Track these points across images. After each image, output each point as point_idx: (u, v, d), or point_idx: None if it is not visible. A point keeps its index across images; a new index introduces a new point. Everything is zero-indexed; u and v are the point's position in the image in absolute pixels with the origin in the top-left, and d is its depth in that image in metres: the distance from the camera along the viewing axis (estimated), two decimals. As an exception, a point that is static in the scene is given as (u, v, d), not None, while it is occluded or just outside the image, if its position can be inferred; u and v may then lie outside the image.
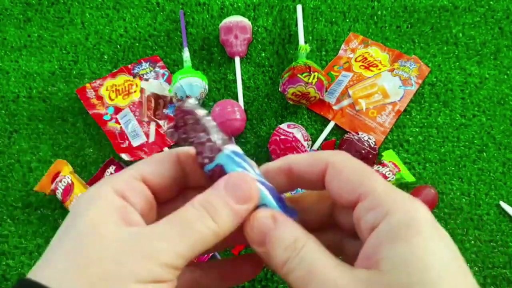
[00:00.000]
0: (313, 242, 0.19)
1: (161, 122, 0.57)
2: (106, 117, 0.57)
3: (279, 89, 0.55)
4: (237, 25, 0.60)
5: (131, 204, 0.20)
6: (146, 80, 0.60)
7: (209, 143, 0.21)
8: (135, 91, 0.59)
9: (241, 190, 0.19)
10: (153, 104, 0.58)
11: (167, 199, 0.22)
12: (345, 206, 0.20)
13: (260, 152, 0.55)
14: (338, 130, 0.57)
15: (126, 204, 0.19)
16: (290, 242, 0.19)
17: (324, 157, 0.20)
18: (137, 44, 0.63)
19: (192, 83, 0.54)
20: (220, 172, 0.20)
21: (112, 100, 0.58)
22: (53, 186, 0.51)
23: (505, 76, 0.59)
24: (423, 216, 0.17)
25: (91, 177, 0.52)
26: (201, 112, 0.21)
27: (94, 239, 0.17)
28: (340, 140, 0.55)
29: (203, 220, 0.18)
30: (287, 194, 0.26)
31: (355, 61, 0.60)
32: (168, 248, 0.17)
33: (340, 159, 0.20)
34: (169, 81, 0.60)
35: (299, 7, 0.62)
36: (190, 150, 0.22)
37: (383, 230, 0.17)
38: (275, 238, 0.19)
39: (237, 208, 0.19)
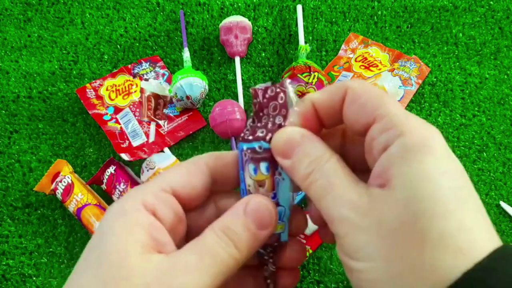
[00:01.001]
0: (337, 159, 0.19)
1: (161, 122, 0.57)
2: (106, 117, 0.57)
3: (279, 89, 0.55)
4: (237, 25, 0.60)
5: (160, 219, 0.19)
6: (146, 80, 0.60)
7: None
8: (135, 91, 0.59)
9: (262, 216, 0.19)
10: (153, 104, 0.58)
11: (195, 208, 0.22)
12: (358, 133, 0.19)
13: (260, 152, 0.55)
14: (338, 130, 0.57)
15: (154, 221, 0.19)
16: (315, 157, 0.19)
17: (343, 85, 0.20)
18: (137, 44, 0.63)
19: (192, 83, 0.54)
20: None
21: (112, 100, 0.58)
22: (53, 186, 0.51)
23: (505, 76, 0.59)
24: (437, 140, 0.17)
25: (91, 177, 0.52)
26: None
27: (118, 272, 0.17)
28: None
29: (226, 248, 0.18)
30: None
31: (355, 61, 0.60)
32: (192, 282, 0.17)
33: (359, 84, 0.20)
34: (169, 81, 0.60)
35: (299, 7, 0.62)
36: (221, 155, 0.22)
37: (396, 149, 0.17)
38: (302, 151, 0.19)
39: (258, 234, 0.19)
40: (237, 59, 0.60)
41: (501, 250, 0.15)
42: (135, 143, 0.55)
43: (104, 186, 0.51)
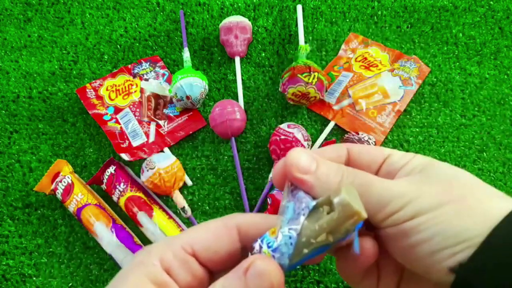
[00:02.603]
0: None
1: (161, 122, 0.57)
2: (106, 117, 0.57)
3: (279, 89, 0.55)
4: (237, 25, 0.60)
5: (176, 279, 0.19)
6: (146, 80, 0.60)
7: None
8: (135, 91, 0.59)
9: (263, 283, 0.18)
10: (153, 104, 0.58)
11: (226, 269, 0.21)
12: (373, 171, 0.23)
13: (260, 152, 0.55)
14: (338, 130, 0.57)
15: (168, 281, 0.19)
16: (339, 166, 0.21)
17: (342, 146, 0.24)
18: (137, 44, 0.63)
19: (192, 83, 0.54)
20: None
21: (112, 100, 0.58)
22: (53, 186, 0.51)
23: (505, 76, 0.58)
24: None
25: (91, 177, 0.52)
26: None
27: None
28: (340, 140, 0.55)
29: None
30: None
31: (355, 61, 0.60)
32: None
33: (357, 144, 0.24)
34: (169, 81, 0.60)
35: (299, 7, 0.62)
36: (253, 218, 0.21)
37: (420, 161, 0.21)
38: (325, 165, 0.21)
39: None
40: (237, 59, 0.60)
41: None
42: (135, 143, 0.55)
43: (104, 186, 0.51)
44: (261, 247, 0.19)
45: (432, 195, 0.19)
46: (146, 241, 0.50)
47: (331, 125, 0.56)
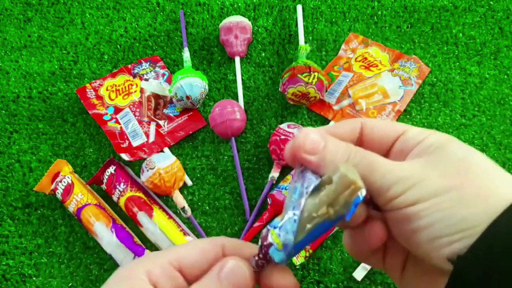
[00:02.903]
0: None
1: (161, 122, 0.57)
2: (106, 117, 0.57)
3: (279, 89, 0.55)
4: (237, 25, 0.60)
5: None
6: (146, 80, 0.60)
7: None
8: (135, 91, 0.59)
9: (237, 281, 0.19)
10: (153, 104, 0.58)
11: None
12: (384, 150, 0.22)
13: (260, 152, 0.55)
14: (338, 130, 0.57)
15: None
16: (347, 145, 0.21)
17: (356, 121, 0.23)
18: (137, 44, 0.63)
19: (192, 83, 0.54)
20: None
21: (112, 100, 0.58)
22: (53, 186, 0.51)
23: (505, 76, 0.58)
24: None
25: (91, 177, 0.52)
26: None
27: None
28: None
29: None
30: None
31: (355, 61, 0.60)
32: None
33: (371, 119, 0.23)
34: (169, 81, 0.60)
35: (299, 7, 0.62)
36: (237, 241, 0.22)
37: (435, 138, 0.21)
38: (333, 143, 0.21)
39: None
40: (237, 59, 0.60)
41: None
42: (135, 143, 0.55)
43: (104, 186, 0.51)
44: (268, 229, 0.20)
45: (437, 179, 0.19)
46: (146, 241, 0.50)
47: (331, 125, 0.56)
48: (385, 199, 0.20)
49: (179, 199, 0.51)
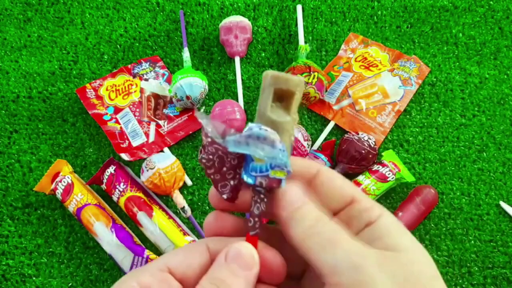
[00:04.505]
0: (337, 221, 0.20)
1: (161, 122, 0.57)
2: (106, 117, 0.57)
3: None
4: (237, 25, 0.60)
5: None
6: (146, 80, 0.60)
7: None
8: (135, 91, 0.59)
9: (245, 259, 0.20)
10: (153, 104, 0.58)
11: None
12: (334, 210, 0.21)
13: (260, 152, 0.55)
14: (338, 130, 0.57)
15: None
16: (319, 213, 0.20)
17: (315, 165, 0.22)
18: (137, 44, 0.63)
19: (192, 83, 0.54)
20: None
21: (112, 100, 0.58)
22: (53, 186, 0.51)
23: (505, 76, 0.59)
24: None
25: (91, 177, 0.52)
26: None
27: None
28: (340, 140, 0.55)
29: None
30: None
31: (355, 61, 0.60)
32: None
33: (329, 170, 0.22)
34: (169, 81, 0.60)
35: (299, 7, 0.62)
36: (220, 240, 0.22)
37: (389, 221, 0.20)
38: (306, 207, 0.20)
39: (246, 275, 0.20)
40: (237, 59, 0.60)
41: None
42: (135, 143, 0.55)
43: (104, 186, 0.51)
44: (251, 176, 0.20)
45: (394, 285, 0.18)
46: (146, 241, 0.50)
47: (331, 125, 0.56)
48: (328, 281, 0.19)
49: (179, 199, 0.51)
